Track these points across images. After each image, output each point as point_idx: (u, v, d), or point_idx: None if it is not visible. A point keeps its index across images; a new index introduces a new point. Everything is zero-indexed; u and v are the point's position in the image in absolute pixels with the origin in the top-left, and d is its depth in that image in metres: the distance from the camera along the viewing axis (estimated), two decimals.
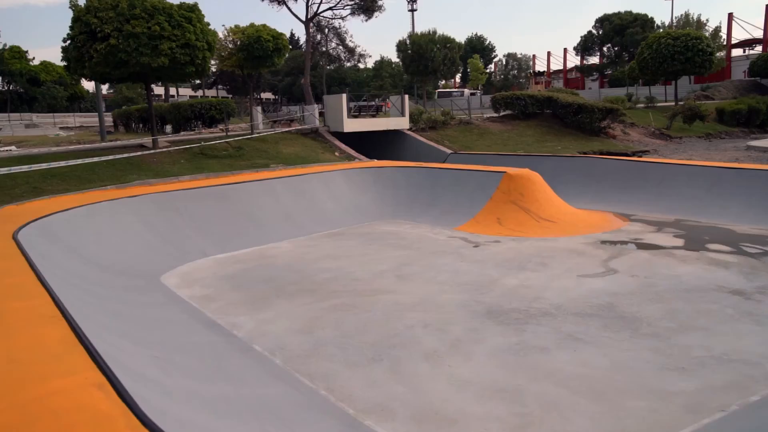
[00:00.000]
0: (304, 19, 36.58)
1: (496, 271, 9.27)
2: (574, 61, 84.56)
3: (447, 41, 33.91)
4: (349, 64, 72.34)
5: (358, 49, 68.19)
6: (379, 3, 38.08)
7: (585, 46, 72.26)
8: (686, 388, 5.13)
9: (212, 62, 20.01)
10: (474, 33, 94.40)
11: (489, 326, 6.79)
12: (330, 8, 37.67)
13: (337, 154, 19.31)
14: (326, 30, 62.27)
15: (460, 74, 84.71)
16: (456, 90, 73.85)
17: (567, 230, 12.31)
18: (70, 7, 15.26)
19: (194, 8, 16.06)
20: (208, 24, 16.61)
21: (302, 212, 13.80)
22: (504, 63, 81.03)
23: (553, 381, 5.33)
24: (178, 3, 15.88)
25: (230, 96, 57.61)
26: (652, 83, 50.13)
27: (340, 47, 67.17)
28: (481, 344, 6.26)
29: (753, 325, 6.57)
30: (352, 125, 21.09)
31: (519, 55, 79.90)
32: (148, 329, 6.71)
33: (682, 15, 59.35)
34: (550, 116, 27.65)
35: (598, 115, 26.00)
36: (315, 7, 36.69)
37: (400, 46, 34.30)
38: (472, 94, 63.56)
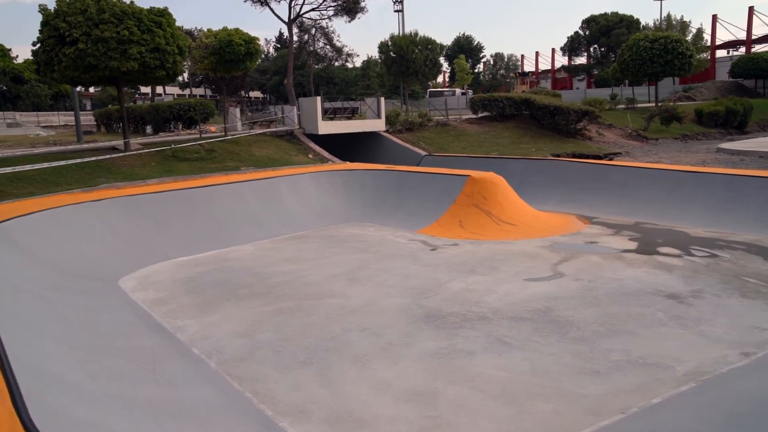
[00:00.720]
0: (287, 20, 36.83)
1: (447, 274, 9.46)
2: (563, 61, 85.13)
3: (428, 42, 34.07)
4: (337, 64, 72.34)
5: (346, 49, 68.57)
6: (362, 5, 38.44)
7: (572, 47, 72.72)
8: (596, 391, 5.34)
9: (185, 65, 20.14)
10: (462, 33, 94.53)
11: (424, 330, 6.98)
12: (313, 9, 37.95)
13: (310, 156, 19.47)
14: (313, 30, 62.35)
15: (449, 74, 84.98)
16: (448, 90, 74.08)
17: (526, 233, 12.53)
18: (39, 11, 15.35)
19: (164, 13, 16.17)
20: (180, 28, 16.73)
21: (269, 215, 13.95)
22: (492, 63, 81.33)
23: (470, 385, 5.53)
24: (148, 8, 15.99)
25: (215, 96, 57.56)
26: (636, 84, 50.52)
27: (328, 47, 67.37)
28: (411, 348, 6.45)
29: (678, 329, 6.79)
30: (326, 127, 21.26)
31: (507, 55, 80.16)
32: (90, 333, 6.86)
33: (664, 17, 59.72)
34: (528, 118, 27.89)
35: (574, 117, 26.28)
36: (298, 8, 36.98)
37: (382, 48, 34.44)
38: (463, 93, 63.75)
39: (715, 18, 67.56)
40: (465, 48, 79.38)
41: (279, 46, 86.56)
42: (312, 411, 5.14)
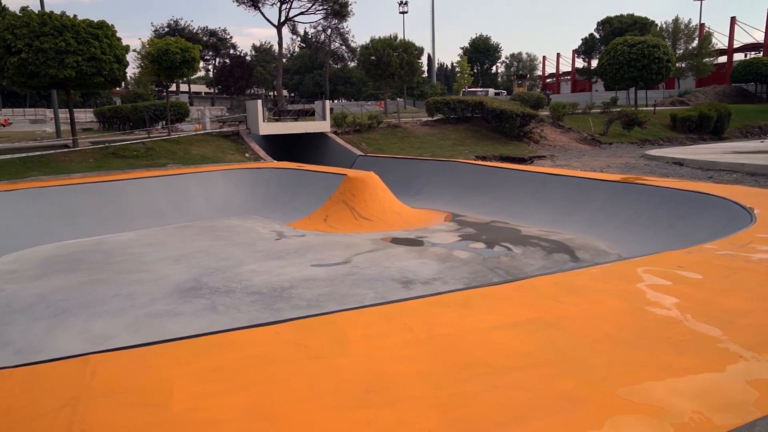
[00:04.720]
0: (276, 23, 38.93)
1: (254, 258, 11.24)
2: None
3: (407, 46, 35.67)
4: (352, 64, 74.37)
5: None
6: (349, 8, 40.24)
7: (586, 49, 72.80)
8: None
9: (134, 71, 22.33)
10: (479, 34, 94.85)
11: (170, 298, 8.80)
12: (301, 13, 39.93)
13: (247, 155, 21.46)
14: (329, 30, 64.49)
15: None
16: (480, 90, 75.37)
17: (376, 227, 14.17)
18: None
19: (102, 25, 18.38)
20: (119, 39, 18.93)
21: (170, 208, 15.93)
22: (508, 64, 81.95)
23: (145, 334, 7.30)
24: (88, 21, 18.23)
25: (226, 95, 60.40)
26: (625, 88, 50.76)
27: (344, 47, 69.49)
28: (142, 309, 8.28)
29: (334, 305, 8.26)
30: (267, 128, 23.27)
31: (524, 56, 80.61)
32: None
33: (671, 20, 59.52)
34: (481, 120, 29.30)
35: (518, 121, 27.60)
36: (287, 13, 39.03)
37: (363, 51, 36.15)
38: (496, 93, 64.53)
39: (733, 20, 66.75)
40: (481, 49, 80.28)
41: (304, 45, 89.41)
42: (15, 343, 7.08)
